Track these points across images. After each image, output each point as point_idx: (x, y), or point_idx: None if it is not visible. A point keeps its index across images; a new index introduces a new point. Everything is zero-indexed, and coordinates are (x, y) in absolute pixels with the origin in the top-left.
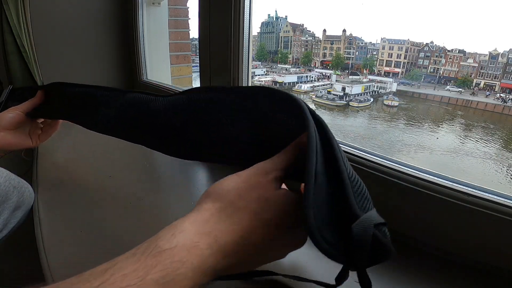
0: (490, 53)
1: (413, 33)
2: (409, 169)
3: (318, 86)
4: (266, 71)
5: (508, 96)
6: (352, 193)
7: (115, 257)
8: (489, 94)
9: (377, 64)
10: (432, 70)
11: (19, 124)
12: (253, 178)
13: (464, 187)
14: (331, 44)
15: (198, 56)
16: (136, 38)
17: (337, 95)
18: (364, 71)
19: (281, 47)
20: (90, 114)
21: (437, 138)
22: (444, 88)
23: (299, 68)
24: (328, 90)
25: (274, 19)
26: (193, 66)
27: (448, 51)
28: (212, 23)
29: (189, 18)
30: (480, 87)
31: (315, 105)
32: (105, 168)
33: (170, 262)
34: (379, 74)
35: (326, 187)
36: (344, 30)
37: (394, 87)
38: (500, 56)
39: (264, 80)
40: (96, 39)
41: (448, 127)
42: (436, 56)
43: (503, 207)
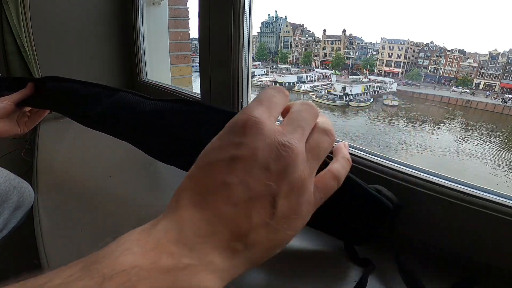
0: (490, 53)
1: (413, 33)
2: (409, 169)
3: (318, 86)
4: (266, 71)
5: (508, 96)
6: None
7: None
8: (489, 94)
9: (377, 64)
10: (432, 70)
11: (9, 114)
12: None
13: (464, 187)
14: (331, 44)
15: (198, 56)
16: (136, 38)
17: (337, 95)
18: (364, 71)
19: (281, 47)
20: (77, 108)
21: (437, 138)
22: (450, 90)
23: (299, 68)
24: (328, 90)
25: (274, 19)
26: (193, 66)
27: (448, 51)
28: (212, 23)
29: (189, 18)
30: (480, 88)
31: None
32: (105, 168)
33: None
34: (379, 74)
35: None
36: (344, 30)
37: (394, 87)
38: (500, 56)
39: (264, 80)
40: (96, 39)
41: (448, 127)
42: (436, 56)
43: (503, 207)
